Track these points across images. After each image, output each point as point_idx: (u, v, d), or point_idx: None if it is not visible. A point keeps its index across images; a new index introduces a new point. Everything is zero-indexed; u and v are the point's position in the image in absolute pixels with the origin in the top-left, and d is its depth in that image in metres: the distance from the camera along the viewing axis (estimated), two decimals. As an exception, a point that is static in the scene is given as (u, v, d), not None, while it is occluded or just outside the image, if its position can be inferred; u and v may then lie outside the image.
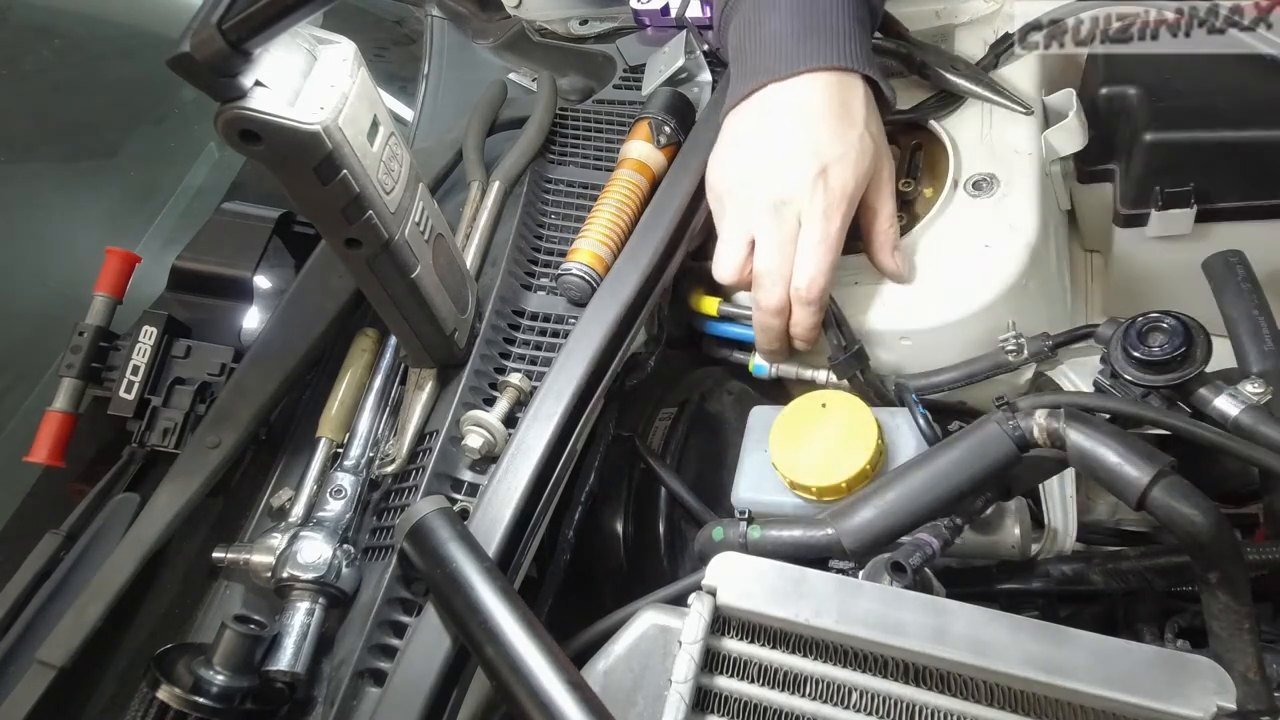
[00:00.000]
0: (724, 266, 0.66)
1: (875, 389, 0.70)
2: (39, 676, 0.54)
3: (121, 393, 0.66)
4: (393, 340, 0.69)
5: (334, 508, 0.61)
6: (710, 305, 0.74)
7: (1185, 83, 0.70)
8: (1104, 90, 0.72)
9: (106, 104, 0.99)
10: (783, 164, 0.62)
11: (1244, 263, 0.60)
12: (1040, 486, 0.65)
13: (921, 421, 0.61)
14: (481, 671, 0.51)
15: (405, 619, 0.56)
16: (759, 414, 0.68)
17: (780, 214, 0.62)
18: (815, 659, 0.47)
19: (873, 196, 0.66)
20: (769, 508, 0.62)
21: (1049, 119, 0.72)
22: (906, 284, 0.68)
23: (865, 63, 0.65)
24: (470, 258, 0.71)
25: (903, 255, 0.67)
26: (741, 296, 0.73)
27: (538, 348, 0.68)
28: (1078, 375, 0.65)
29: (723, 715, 0.46)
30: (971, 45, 0.79)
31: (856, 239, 0.68)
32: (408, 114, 0.95)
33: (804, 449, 0.60)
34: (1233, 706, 0.42)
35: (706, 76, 0.82)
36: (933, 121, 0.75)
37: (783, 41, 0.65)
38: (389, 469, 0.63)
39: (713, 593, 0.48)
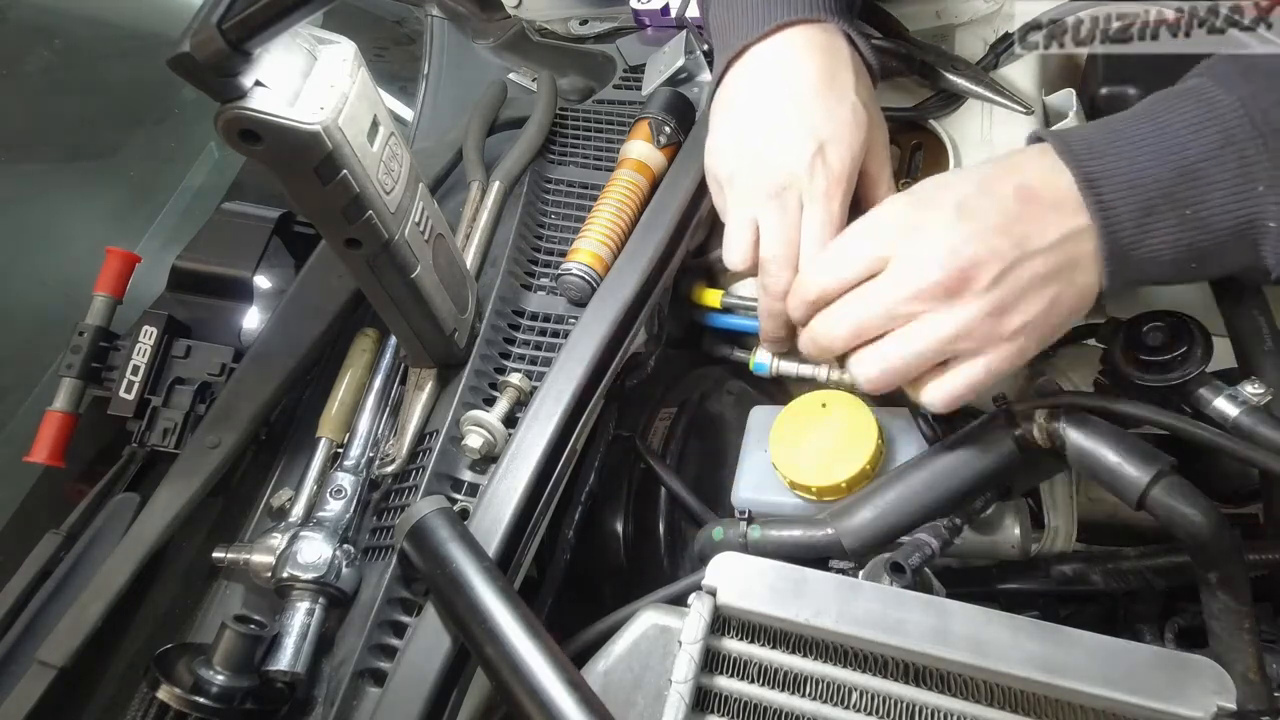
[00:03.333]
0: (732, 253, 0.65)
1: None
2: (39, 676, 0.54)
3: (121, 393, 0.66)
4: (393, 340, 0.69)
5: (334, 508, 0.61)
6: (712, 297, 0.74)
7: (1185, 83, 0.70)
8: (1104, 90, 0.72)
9: (106, 104, 0.99)
10: (779, 147, 0.62)
11: (1244, 263, 0.60)
12: (1040, 486, 0.65)
13: (921, 422, 0.61)
14: (481, 671, 0.51)
15: (405, 619, 0.56)
16: (759, 414, 0.68)
17: (783, 199, 0.62)
18: (815, 659, 0.47)
19: (870, 165, 0.65)
20: (769, 508, 0.62)
21: (1049, 119, 0.72)
22: None
23: (838, 14, 0.64)
24: (470, 258, 0.71)
25: None
26: (742, 288, 0.73)
27: (538, 348, 0.68)
28: (1078, 375, 0.65)
29: (723, 715, 0.46)
30: (971, 45, 0.79)
31: None
32: (408, 114, 0.95)
33: (804, 449, 0.60)
34: (1233, 706, 0.42)
35: (706, 76, 0.82)
36: (933, 121, 0.75)
37: (752, 3, 0.64)
38: (389, 469, 0.63)
39: (713, 593, 0.48)
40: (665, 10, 0.90)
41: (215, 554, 0.60)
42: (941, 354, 0.51)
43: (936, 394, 0.52)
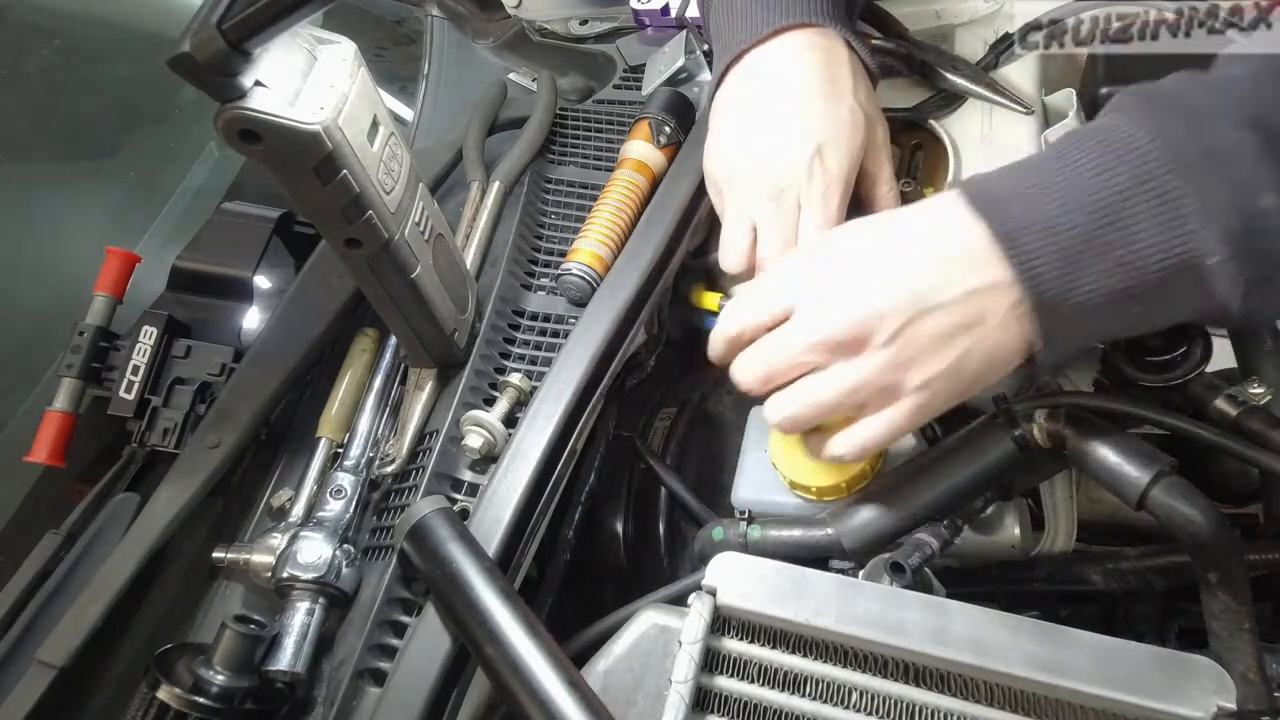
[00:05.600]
0: (729, 255, 0.66)
1: None
2: (39, 676, 0.54)
3: (121, 393, 0.66)
4: (393, 340, 0.69)
5: (334, 508, 0.61)
6: (711, 301, 0.74)
7: (1185, 83, 0.70)
8: (1104, 90, 0.72)
9: (106, 104, 0.99)
10: (777, 149, 0.62)
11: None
12: (1040, 486, 0.65)
13: (921, 421, 0.61)
14: (481, 671, 0.51)
15: (405, 619, 0.56)
16: (759, 414, 0.68)
17: (780, 201, 0.62)
18: (815, 659, 0.47)
19: (870, 164, 0.65)
20: (769, 508, 0.62)
21: (1049, 119, 0.72)
22: None
23: (837, 20, 0.64)
24: (470, 258, 0.71)
25: None
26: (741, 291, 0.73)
27: (538, 348, 0.68)
28: (1078, 375, 0.65)
29: (723, 715, 0.46)
30: (971, 45, 0.79)
31: None
32: (408, 114, 0.95)
33: (804, 449, 0.60)
34: (1233, 706, 0.42)
35: (706, 76, 0.82)
36: (932, 121, 0.75)
37: (752, 8, 0.64)
38: (389, 469, 0.63)
39: (713, 593, 0.48)
40: (665, 10, 0.90)
41: (215, 554, 0.60)
42: (845, 406, 0.51)
43: (839, 446, 0.52)
